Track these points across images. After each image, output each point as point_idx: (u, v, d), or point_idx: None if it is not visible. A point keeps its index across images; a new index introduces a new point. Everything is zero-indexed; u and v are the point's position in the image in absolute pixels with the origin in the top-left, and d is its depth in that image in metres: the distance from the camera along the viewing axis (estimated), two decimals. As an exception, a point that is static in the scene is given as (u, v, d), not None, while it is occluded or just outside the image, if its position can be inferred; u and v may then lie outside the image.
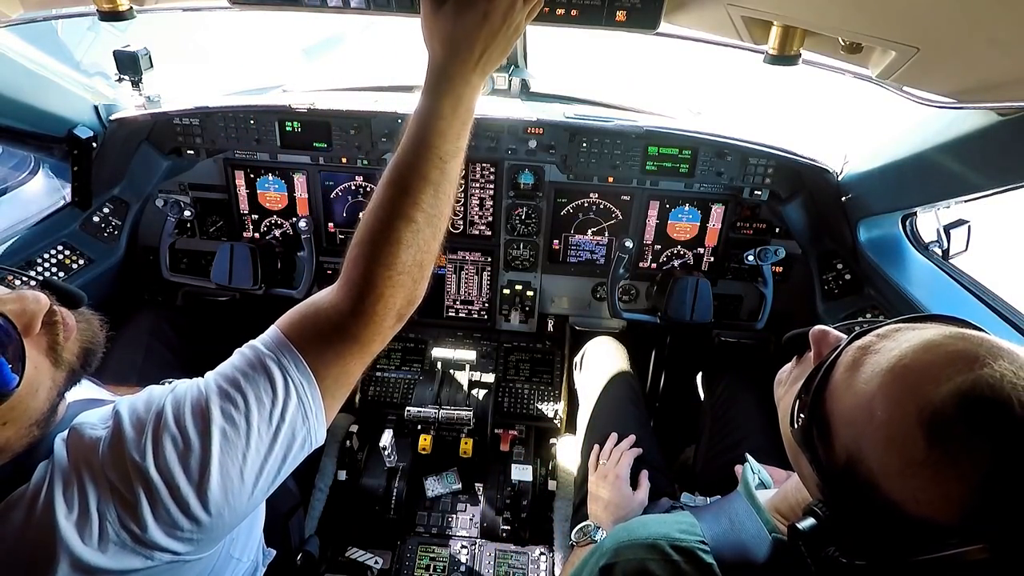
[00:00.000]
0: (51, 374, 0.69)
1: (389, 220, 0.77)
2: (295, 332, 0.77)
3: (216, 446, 0.68)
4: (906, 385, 0.54)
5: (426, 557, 1.69)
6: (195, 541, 0.70)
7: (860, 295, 1.77)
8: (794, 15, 0.87)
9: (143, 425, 0.69)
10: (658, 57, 7.62)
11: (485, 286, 2.13)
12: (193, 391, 0.72)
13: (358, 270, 0.76)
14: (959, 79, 0.91)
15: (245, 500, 0.72)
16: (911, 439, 0.51)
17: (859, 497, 0.56)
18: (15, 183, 1.91)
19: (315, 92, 2.13)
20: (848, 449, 0.57)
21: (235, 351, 0.78)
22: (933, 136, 1.28)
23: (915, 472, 0.51)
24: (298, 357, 0.75)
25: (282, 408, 0.73)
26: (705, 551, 0.69)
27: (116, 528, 0.65)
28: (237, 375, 0.73)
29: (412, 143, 0.79)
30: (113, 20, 1.03)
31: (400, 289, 0.78)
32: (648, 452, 1.55)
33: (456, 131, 0.80)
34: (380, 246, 0.76)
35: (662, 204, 1.96)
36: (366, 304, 0.76)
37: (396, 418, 1.91)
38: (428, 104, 0.79)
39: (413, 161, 0.78)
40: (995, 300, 1.44)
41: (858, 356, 0.60)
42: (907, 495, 0.52)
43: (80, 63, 1.99)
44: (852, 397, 0.58)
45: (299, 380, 0.74)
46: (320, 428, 0.78)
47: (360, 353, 0.79)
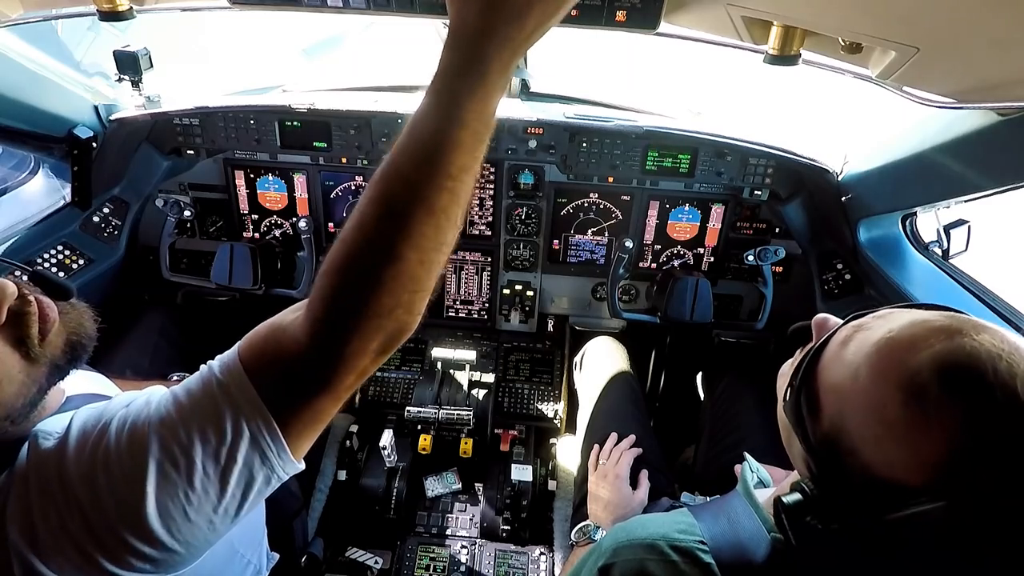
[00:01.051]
0: (23, 368, 0.65)
1: (371, 256, 0.59)
2: (254, 362, 0.66)
3: (152, 482, 0.61)
4: (889, 353, 0.56)
5: (426, 557, 1.69)
6: (147, 570, 0.64)
7: (860, 295, 1.77)
8: (794, 15, 0.87)
9: (86, 443, 0.64)
10: (658, 57, 7.62)
11: (485, 286, 2.13)
12: (141, 415, 0.65)
13: (324, 307, 0.61)
14: (959, 79, 0.91)
15: (201, 537, 0.66)
16: (889, 402, 0.54)
17: (840, 466, 0.59)
18: (15, 183, 1.91)
19: (315, 92, 2.13)
20: (832, 419, 0.60)
21: (200, 367, 0.69)
22: (933, 136, 1.28)
23: (890, 434, 0.54)
24: (253, 395, 0.64)
25: (231, 447, 0.64)
26: (704, 550, 0.69)
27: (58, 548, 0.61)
28: (186, 403, 0.65)
29: (414, 156, 0.58)
30: (113, 20, 1.04)
31: (378, 333, 0.63)
32: (648, 452, 1.55)
33: (479, 138, 0.60)
34: (354, 286, 0.60)
35: (662, 204, 1.96)
36: (332, 349, 0.62)
37: (396, 418, 1.91)
38: (446, 102, 0.58)
39: (414, 180, 0.58)
40: (995, 300, 1.44)
41: (850, 333, 0.63)
42: (883, 459, 0.55)
43: (80, 63, 1.99)
44: (840, 368, 0.61)
45: (252, 417, 0.64)
46: (287, 465, 0.69)
47: (330, 396, 0.66)
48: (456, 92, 0.57)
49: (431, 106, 0.58)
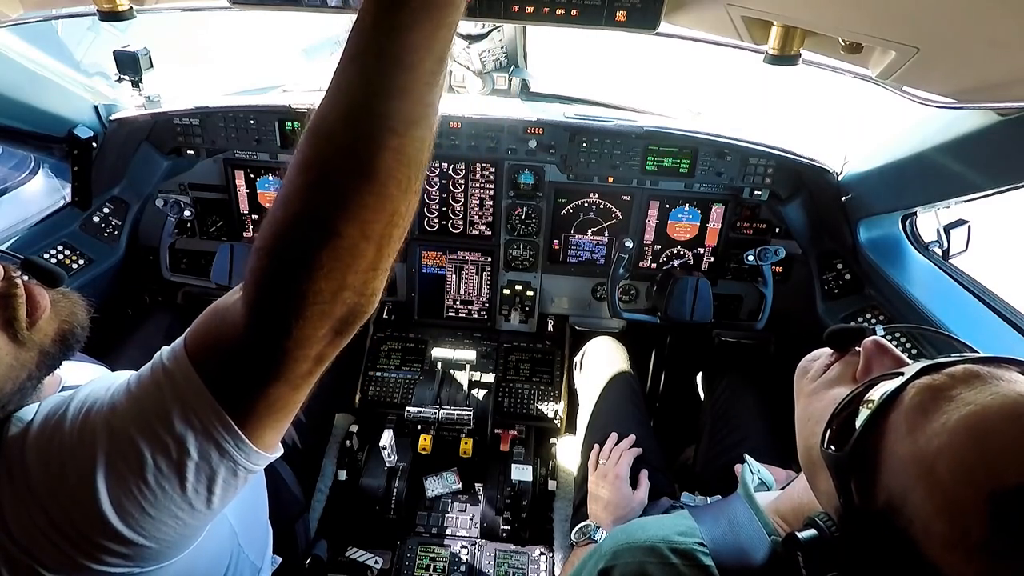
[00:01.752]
0: (10, 351, 0.64)
1: (302, 233, 0.51)
2: (197, 349, 0.60)
3: (101, 478, 0.57)
4: (982, 454, 0.47)
5: (426, 557, 1.69)
6: (121, 563, 0.62)
7: (860, 295, 1.77)
8: (794, 15, 0.87)
9: (45, 430, 0.62)
10: (658, 57, 7.61)
11: (485, 286, 2.13)
12: (97, 401, 0.62)
13: (256, 292, 0.55)
14: (959, 79, 0.91)
15: (171, 532, 0.63)
16: (973, 515, 0.46)
17: (887, 541, 0.52)
18: (15, 183, 1.91)
19: (315, 92, 2.12)
20: (891, 494, 0.52)
21: (145, 366, 0.65)
22: (933, 136, 1.28)
23: (967, 550, 0.46)
24: (199, 384, 0.59)
25: (180, 440, 0.59)
26: (704, 553, 0.69)
27: (27, 541, 0.59)
28: (136, 393, 0.61)
29: (344, 110, 0.49)
30: (113, 20, 1.04)
31: (324, 319, 0.55)
32: (648, 452, 1.55)
33: (430, 80, 0.49)
34: (287, 269, 0.52)
35: (662, 204, 1.96)
36: (273, 337, 0.56)
37: (396, 418, 1.91)
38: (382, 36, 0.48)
39: (347, 141, 0.49)
40: (995, 300, 1.44)
41: (927, 400, 0.52)
42: (952, 568, 0.47)
43: (80, 63, 1.99)
44: (912, 446, 0.51)
45: (201, 408, 0.59)
46: (251, 456, 0.64)
47: (285, 385, 0.60)
48: (395, 22, 0.47)
49: (362, 44, 0.48)
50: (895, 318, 1.62)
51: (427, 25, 0.47)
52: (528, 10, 0.96)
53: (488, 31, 1.77)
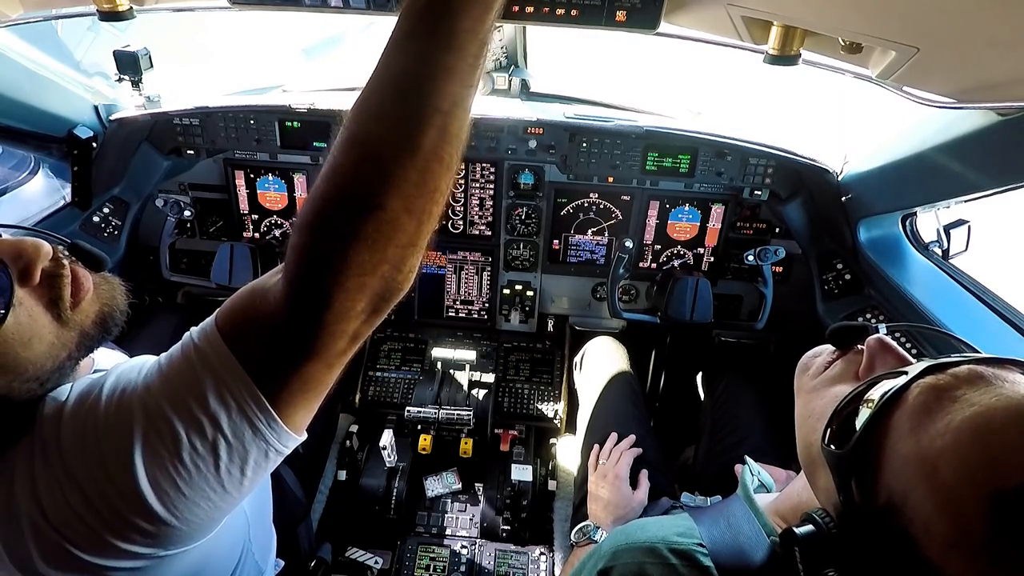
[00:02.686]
0: (53, 329, 0.65)
1: (348, 206, 0.53)
2: (231, 328, 0.61)
3: (139, 456, 0.58)
4: (986, 455, 0.46)
5: (426, 557, 1.69)
6: (148, 543, 0.63)
7: (860, 295, 1.77)
8: (794, 15, 0.87)
9: (81, 409, 0.62)
10: (658, 57, 7.61)
11: (485, 286, 2.13)
12: (131, 381, 0.63)
13: (299, 266, 0.56)
14: (959, 79, 0.91)
15: (202, 514, 0.64)
16: (974, 515, 0.46)
17: (886, 540, 0.52)
18: (15, 183, 1.91)
19: (315, 92, 2.12)
20: (892, 494, 0.52)
21: (179, 342, 0.65)
22: (933, 136, 1.28)
23: (967, 551, 0.46)
24: (233, 362, 0.60)
25: (215, 419, 0.60)
26: (703, 554, 0.69)
27: (62, 519, 0.59)
28: (168, 373, 0.62)
29: (394, 88, 0.52)
30: (113, 20, 1.04)
31: (362, 293, 0.57)
32: (648, 452, 1.55)
33: (475, 63, 0.53)
34: (331, 241, 0.54)
35: (662, 204, 1.96)
36: (312, 312, 0.57)
37: (396, 418, 1.91)
38: (434, 20, 0.51)
39: (395, 118, 0.52)
40: (995, 300, 1.44)
41: (931, 400, 0.52)
42: (952, 567, 0.47)
43: (80, 63, 2.00)
44: (915, 445, 0.51)
45: (236, 388, 0.60)
46: (283, 438, 0.65)
47: (320, 361, 0.62)
48: (448, 6, 0.50)
49: (415, 26, 0.51)
50: (895, 318, 1.62)
51: (476, 8, 0.51)
52: (528, 10, 0.96)
53: (488, 31, 1.76)
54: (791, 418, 0.70)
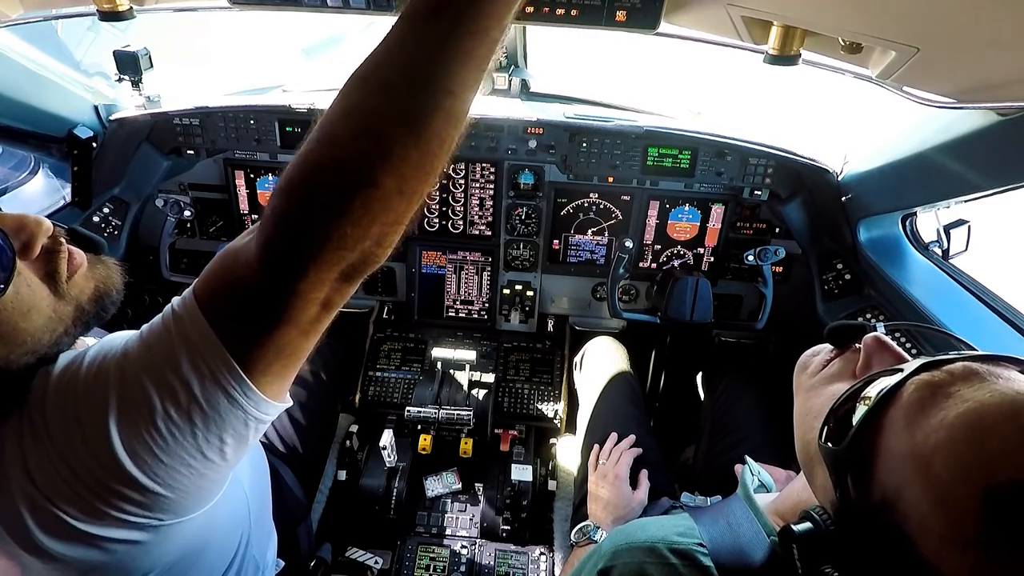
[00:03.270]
0: (51, 302, 0.67)
1: (339, 178, 0.51)
2: (207, 294, 0.61)
3: (112, 421, 0.58)
4: (980, 452, 0.47)
5: (426, 557, 1.69)
6: (141, 513, 0.63)
7: (860, 295, 1.77)
8: (794, 15, 0.87)
9: (62, 384, 0.63)
10: (658, 57, 7.61)
11: (485, 286, 2.13)
12: (111, 351, 0.63)
13: (277, 229, 0.55)
14: (959, 79, 0.91)
15: (187, 481, 0.64)
16: (968, 511, 0.46)
17: (881, 536, 0.52)
18: (15, 183, 1.91)
19: (315, 92, 2.12)
20: (886, 491, 0.52)
21: (160, 314, 0.65)
22: (933, 136, 1.28)
23: (961, 545, 0.46)
24: (206, 330, 0.59)
25: (188, 387, 0.59)
26: (703, 553, 0.69)
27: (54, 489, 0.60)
28: (147, 340, 0.62)
29: (406, 65, 0.50)
30: (113, 20, 1.04)
31: (338, 264, 0.56)
32: (648, 452, 1.55)
33: (492, 47, 0.53)
34: (316, 209, 0.52)
35: (662, 204, 1.96)
36: (285, 276, 0.56)
37: (396, 418, 1.91)
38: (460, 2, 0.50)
39: (403, 95, 0.50)
40: (995, 300, 1.44)
41: (925, 396, 0.52)
42: (947, 563, 0.48)
43: (80, 63, 2.00)
44: (909, 441, 0.51)
45: (209, 355, 0.59)
46: (260, 405, 0.64)
47: (294, 327, 0.60)
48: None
49: (438, 6, 0.49)
50: (895, 318, 1.62)
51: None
52: (528, 10, 0.96)
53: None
54: (791, 418, 0.70)
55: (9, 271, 0.61)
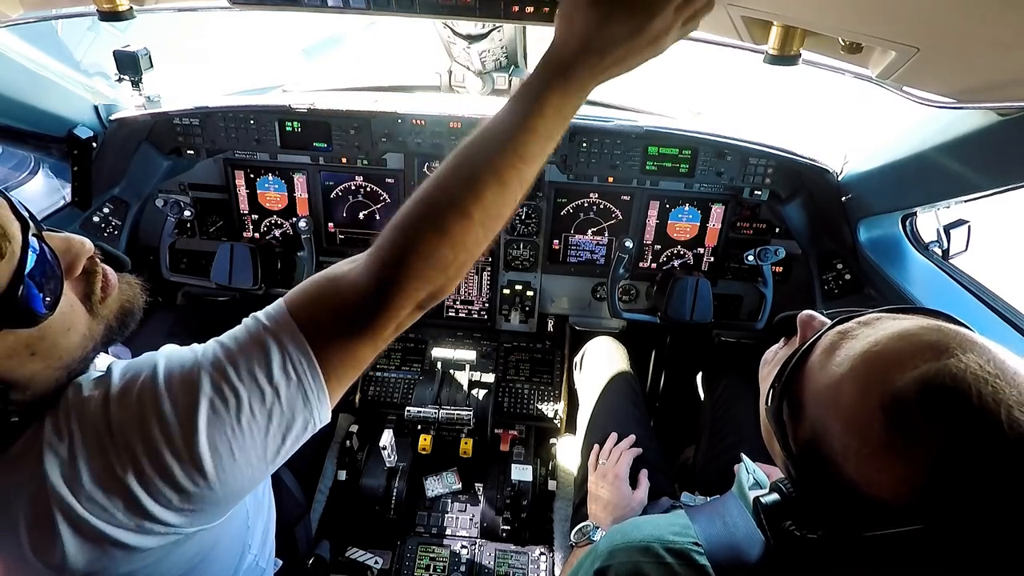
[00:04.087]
0: (86, 321, 0.70)
1: (442, 209, 0.69)
2: (303, 311, 0.71)
3: (203, 418, 0.65)
4: (874, 369, 0.55)
5: (426, 557, 1.69)
6: (185, 513, 0.67)
7: (860, 295, 1.77)
8: (794, 15, 0.87)
9: (130, 387, 0.67)
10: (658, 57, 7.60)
11: (485, 286, 2.13)
12: (188, 359, 0.70)
13: (392, 255, 0.69)
14: (959, 79, 0.91)
15: (238, 477, 0.69)
16: (872, 421, 0.53)
17: (820, 475, 0.58)
18: (15, 183, 1.91)
19: (315, 92, 2.13)
20: (814, 427, 0.60)
21: (242, 320, 0.74)
22: (933, 136, 1.28)
23: (872, 453, 0.53)
24: (300, 338, 0.69)
25: (276, 388, 0.68)
26: (699, 552, 0.69)
27: (104, 493, 0.63)
28: (234, 347, 0.70)
29: (494, 132, 0.71)
30: (113, 20, 1.03)
31: (429, 284, 0.71)
32: (648, 452, 1.55)
33: (548, 134, 0.72)
34: (424, 235, 0.69)
35: (662, 204, 1.96)
36: (391, 295, 0.69)
37: (396, 418, 1.91)
38: (531, 95, 0.70)
39: (489, 151, 0.70)
40: (995, 300, 1.44)
41: (836, 340, 0.62)
42: (864, 476, 0.54)
43: (80, 63, 1.99)
44: (823, 378, 0.60)
45: (299, 361, 0.69)
46: (323, 410, 0.73)
47: (372, 341, 0.72)
48: (541, 90, 0.70)
49: (518, 98, 0.71)
50: None
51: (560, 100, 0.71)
52: (528, 10, 0.96)
53: (488, 31, 1.76)
54: None
55: (59, 291, 0.65)
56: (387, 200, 2.01)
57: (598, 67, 0.70)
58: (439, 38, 1.91)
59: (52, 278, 0.64)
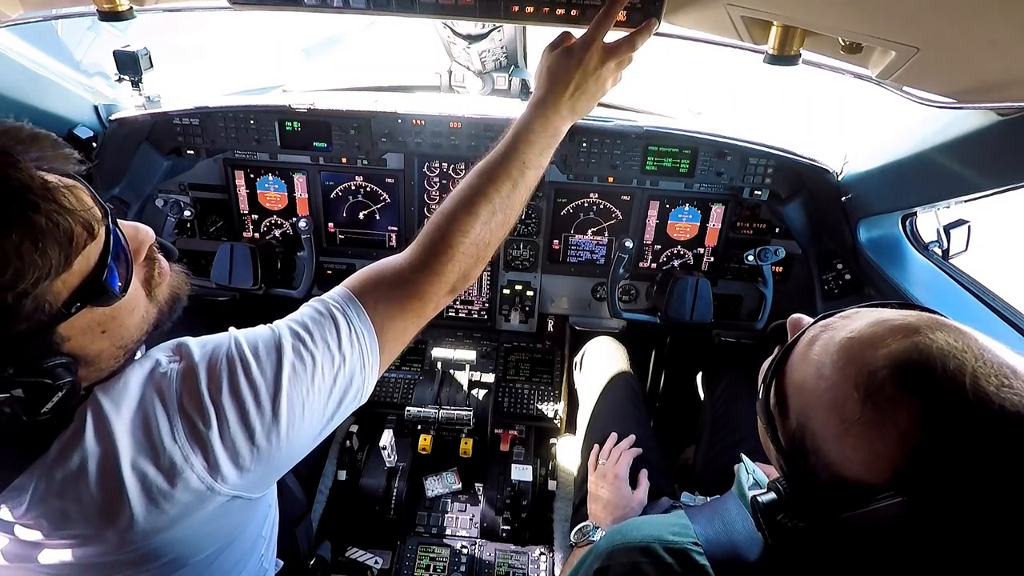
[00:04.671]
0: (145, 304, 0.75)
1: (472, 196, 0.91)
2: (361, 287, 0.85)
3: (286, 378, 0.74)
4: (850, 353, 0.58)
5: (426, 557, 1.69)
6: (251, 472, 0.73)
7: (860, 295, 1.77)
8: (794, 15, 0.87)
9: (216, 356, 0.74)
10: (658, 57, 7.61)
11: (485, 286, 2.13)
12: (265, 331, 0.79)
13: (438, 231, 0.89)
14: (959, 79, 0.91)
15: (301, 436, 0.77)
16: (848, 400, 0.56)
17: (807, 465, 0.60)
18: (15, 183, 1.91)
19: (315, 92, 2.13)
20: (799, 418, 0.62)
21: (303, 305, 0.85)
22: (933, 136, 1.28)
23: (850, 431, 0.55)
24: (361, 309, 0.83)
25: (344, 353, 0.79)
26: (698, 552, 0.69)
27: (183, 454, 0.69)
28: (306, 320, 0.81)
29: (504, 145, 0.95)
30: (113, 20, 1.03)
31: (466, 258, 0.90)
32: (648, 452, 1.55)
33: (541, 145, 0.97)
34: (460, 215, 0.90)
35: (662, 204, 1.96)
36: (438, 262, 0.87)
37: (396, 418, 1.91)
38: (525, 119, 0.97)
39: (501, 159, 0.94)
40: (995, 300, 1.44)
41: (817, 333, 0.65)
42: (844, 456, 0.56)
43: (80, 63, 1.98)
44: (805, 367, 0.63)
45: (361, 329, 0.81)
46: (372, 379, 0.84)
47: (419, 311, 0.88)
48: (531, 112, 0.99)
49: (518, 119, 1.00)
50: None
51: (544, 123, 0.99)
52: (528, 10, 0.96)
53: (488, 31, 1.76)
54: None
55: (130, 274, 0.70)
56: (387, 200, 2.01)
57: (563, 93, 0.97)
58: (439, 38, 1.91)
59: (126, 261, 0.69)
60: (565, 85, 0.96)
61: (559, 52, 0.97)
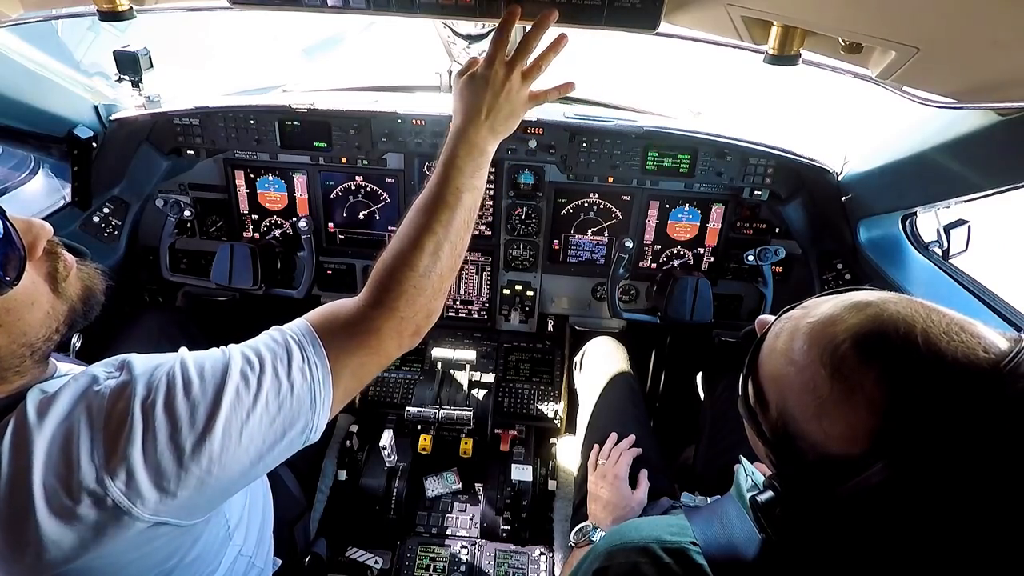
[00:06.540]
0: (50, 299, 0.73)
1: (415, 231, 0.91)
2: (319, 321, 0.85)
3: (227, 399, 0.71)
4: (813, 334, 0.60)
5: (426, 557, 1.69)
6: (177, 497, 0.69)
7: (860, 295, 1.77)
8: (794, 15, 0.87)
9: (158, 372, 0.72)
10: (658, 57, 7.61)
11: (485, 286, 2.13)
12: (216, 353, 0.78)
13: (387, 271, 0.89)
14: (959, 79, 0.91)
15: (236, 463, 0.73)
16: (818, 379, 0.58)
17: (793, 451, 0.62)
18: (15, 183, 1.91)
19: (315, 92, 2.13)
20: (778, 407, 0.64)
21: (261, 333, 0.84)
22: (933, 136, 1.28)
23: (824, 408, 0.57)
24: (318, 341, 0.81)
25: (293, 381, 0.77)
26: (696, 552, 0.69)
27: (99, 474, 0.65)
28: (260, 346, 0.79)
29: (436, 177, 0.96)
30: (113, 20, 1.03)
31: (421, 294, 0.89)
32: (648, 452, 1.55)
33: (470, 170, 0.96)
34: (405, 251, 0.90)
35: (662, 204, 1.96)
36: (389, 298, 0.87)
37: (396, 418, 1.91)
38: (449, 147, 0.98)
39: (436, 189, 0.95)
40: (995, 300, 1.44)
41: (782, 325, 0.67)
42: (824, 434, 0.58)
43: (80, 63, 1.99)
44: (776, 357, 0.65)
45: (315, 360, 0.80)
46: (322, 419, 0.81)
47: (376, 347, 0.86)
48: (454, 141, 0.98)
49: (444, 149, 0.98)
50: None
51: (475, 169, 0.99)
52: (528, 10, 0.96)
53: (488, 31, 1.76)
54: None
55: (22, 266, 0.68)
56: (387, 200, 2.01)
57: (478, 116, 0.97)
58: (439, 38, 1.91)
59: (15, 252, 0.67)
60: (478, 109, 0.97)
61: (466, 78, 0.99)
